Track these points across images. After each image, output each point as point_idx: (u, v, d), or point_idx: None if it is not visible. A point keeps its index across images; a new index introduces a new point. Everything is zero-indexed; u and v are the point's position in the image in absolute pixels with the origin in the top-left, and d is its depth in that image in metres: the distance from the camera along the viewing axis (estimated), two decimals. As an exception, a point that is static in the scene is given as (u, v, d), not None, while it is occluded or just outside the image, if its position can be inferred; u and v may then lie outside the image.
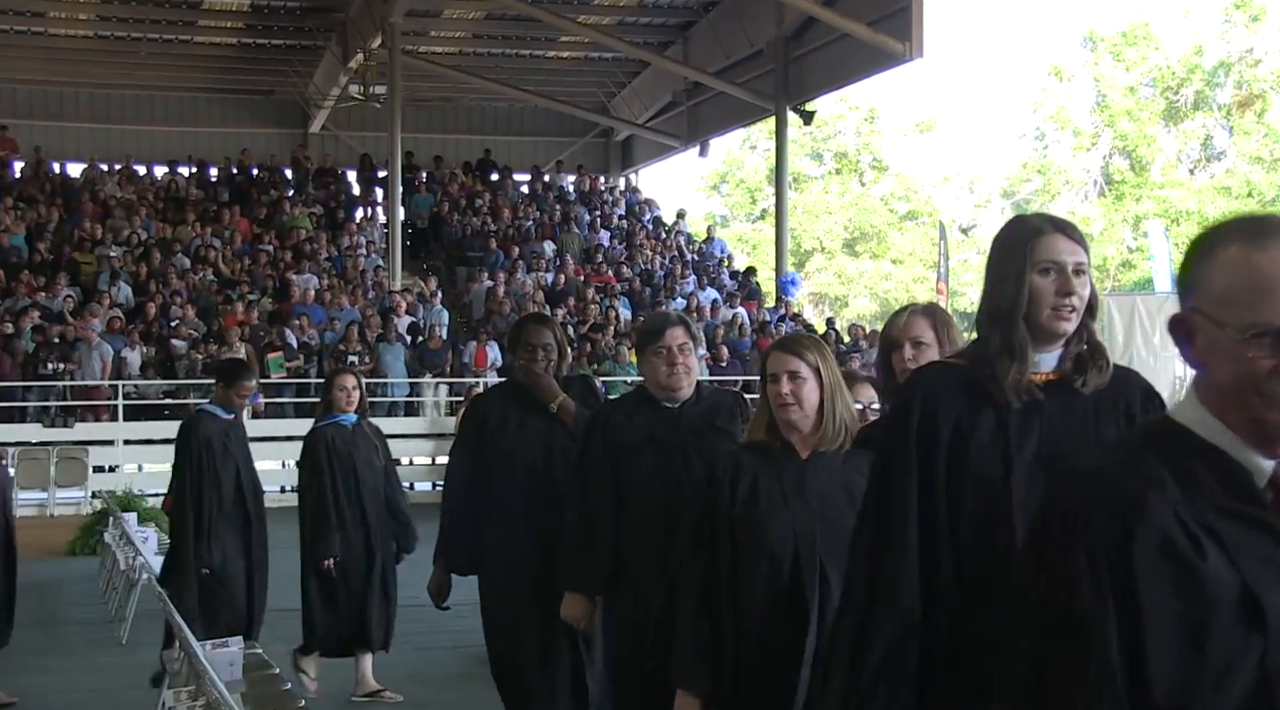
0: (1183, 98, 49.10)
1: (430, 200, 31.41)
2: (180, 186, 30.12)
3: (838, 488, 4.24)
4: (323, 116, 33.53)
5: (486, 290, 26.76)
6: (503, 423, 6.28)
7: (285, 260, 26.99)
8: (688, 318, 5.77)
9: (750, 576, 4.22)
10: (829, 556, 4.12)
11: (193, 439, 8.53)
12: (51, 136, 31.48)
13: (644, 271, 29.44)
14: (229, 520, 8.49)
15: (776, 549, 4.19)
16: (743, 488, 4.27)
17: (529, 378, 6.29)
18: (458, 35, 31.99)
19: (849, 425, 4.34)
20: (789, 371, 4.31)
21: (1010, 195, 53.15)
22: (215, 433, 8.56)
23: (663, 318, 5.70)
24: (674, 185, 65.17)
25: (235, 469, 8.57)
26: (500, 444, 6.24)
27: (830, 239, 54.21)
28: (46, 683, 8.92)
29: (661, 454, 5.37)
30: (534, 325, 6.44)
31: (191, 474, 8.44)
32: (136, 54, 31.18)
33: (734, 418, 5.46)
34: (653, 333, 5.50)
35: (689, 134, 34.00)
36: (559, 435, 6.19)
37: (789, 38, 28.32)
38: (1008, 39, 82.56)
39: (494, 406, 6.42)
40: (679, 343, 5.42)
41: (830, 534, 4.13)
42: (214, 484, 8.43)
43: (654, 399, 5.50)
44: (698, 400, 5.49)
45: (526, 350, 6.28)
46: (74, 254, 25.79)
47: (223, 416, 8.71)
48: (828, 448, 4.31)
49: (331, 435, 8.73)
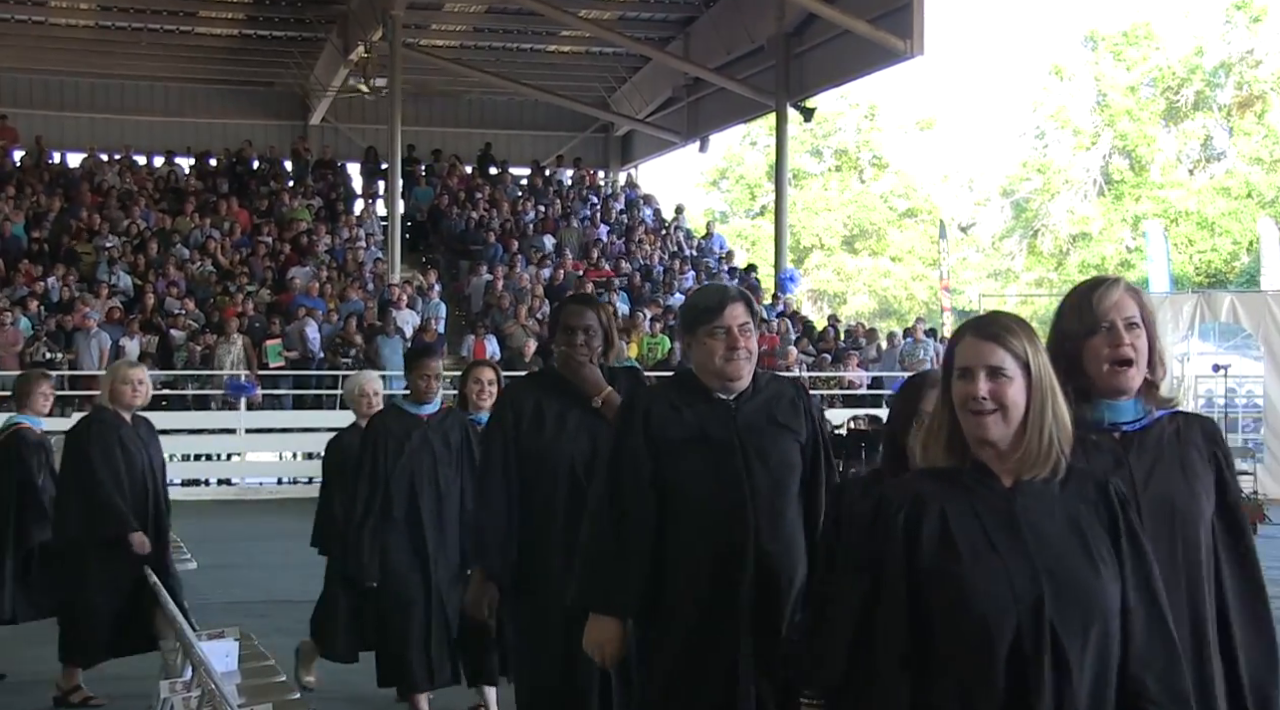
0: (1183, 98, 49.10)
1: (430, 193, 31.40)
2: (179, 177, 30.12)
3: (1062, 526, 3.10)
4: (323, 108, 33.52)
5: (485, 284, 26.74)
6: (538, 417, 5.49)
7: (284, 252, 26.98)
8: (748, 293, 4.77)
9: (950, 658, 3.03)
10: (1063, 625, 3.00)
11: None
12: (51, 126, 31.49)
13: (643, 267, 29.43)
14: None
15: (989, 617, 3.00)
16: (929, 530, 3.08)
17: (569, 366, 5.52)
18: (459, 28, 31.97)
19: (1062, 442, 3.14)
20: (989, 366, 3.13)
21: (1010, 194, 53.15)
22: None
23: (719, 292, 4.69)
24: (674, 181, 65.27)
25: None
26: (534, 441, 5.47)
27: (829, 236, 54.21)
28: (41, 672, 8.90)
29: (716, 455, 4.51)
30: (575, 306, 5.63)
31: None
32: (137, 44, 31.18)
33: (797, 411, 4.66)
34: (708, 310, 4.56)
35: (689, 129, 34.00)
36: (603, 433, 5.25)
37: (790, 34, 28.33)
38: (1008, 38, 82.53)
39: (527, 398, 5.58)
40: (739, 322, 4.53)
41: (1062, 593, 3.01)
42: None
43: (704, 388, 4.60)
44: (755, 391, 4.62)
45: (566, 334, 5.49)
46: (73, 243, 25.78)
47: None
48: (1035, 472, 3.13)
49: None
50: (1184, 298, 24.04)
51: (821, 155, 56.29)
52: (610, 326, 5.57)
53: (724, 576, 4.41)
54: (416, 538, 7.66)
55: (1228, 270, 45.49)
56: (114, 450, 8.29)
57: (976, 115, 77.46)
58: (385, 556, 7.64)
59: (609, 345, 5.57)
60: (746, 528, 4.42)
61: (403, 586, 7.66)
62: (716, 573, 4.42)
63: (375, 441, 7.76)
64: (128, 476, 8.31)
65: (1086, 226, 49.50)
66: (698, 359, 4.60)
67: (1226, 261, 45.94)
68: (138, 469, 8.38)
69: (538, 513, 5.46)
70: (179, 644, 6.45)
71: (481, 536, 5.68)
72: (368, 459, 7.72)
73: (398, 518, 7.65)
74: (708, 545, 4.44)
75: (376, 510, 7.65)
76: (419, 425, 7.78)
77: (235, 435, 23.03)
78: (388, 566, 7.65)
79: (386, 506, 7.66)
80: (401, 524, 7.66)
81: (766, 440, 4.55)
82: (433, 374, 7.80)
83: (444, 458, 7.72)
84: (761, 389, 4.64)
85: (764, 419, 4.58)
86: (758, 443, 4.53)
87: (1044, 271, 51.60)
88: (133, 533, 8.18)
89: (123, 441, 8.36)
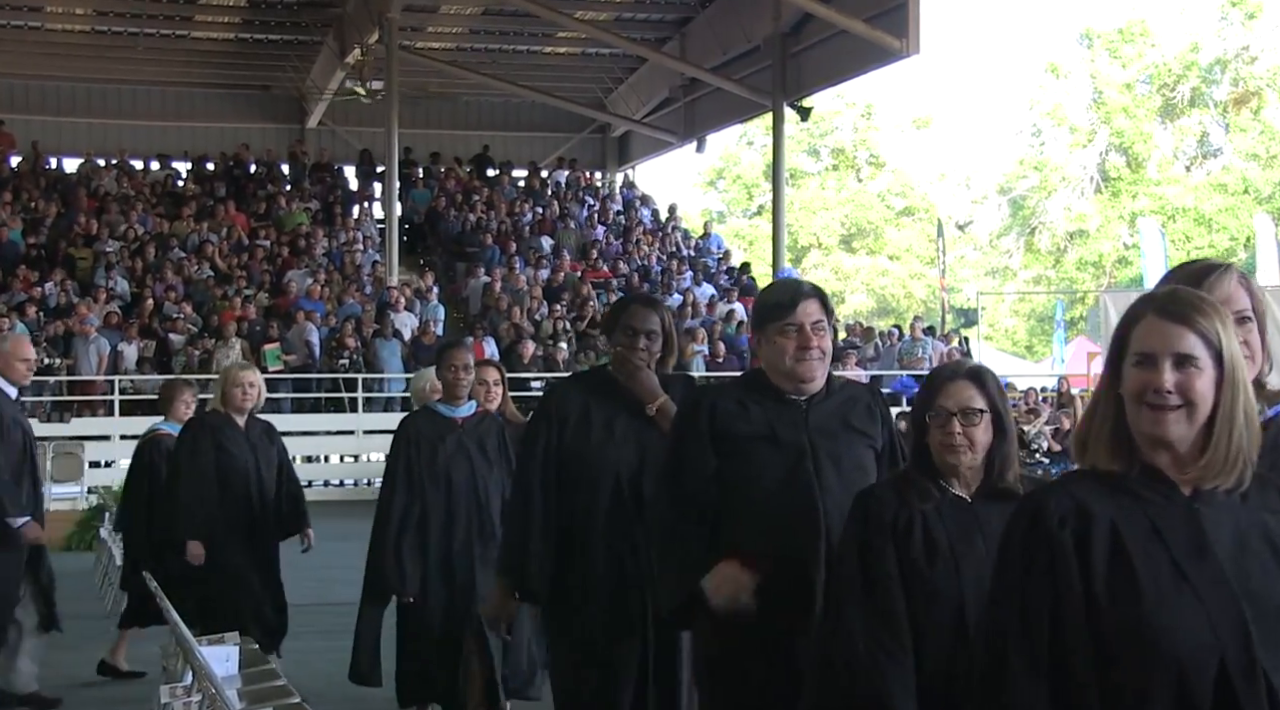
0: (1179, 94, 49.13)
1: (427, 196, 31.39)
2: (176, 181, 30.11)
3: (1256, 543, 2.56)
4: (320, 112, 33.49)
5: (483, 286, 26.73)
6: (584, 421, 5.12)
7: (282, 256, 26.97)
8: (822, 289, 4.48)
9: (1142, 699, 2.48)
10: (1271, 659, 2.46)
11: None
12: (48, 131, 31.46)
13: (641, 267, 29.43)
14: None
15: (1185, 661, 2.44)
16: (1100, 553, 2.52)
17: (625, 369, 5.12)
18: (455, 30, 31.95)
19: (1250, 447, 2.60)
20: (1177, 354, 2.56)
21: (1006, 192, 53.16)
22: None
23: (793, 288, 4.43)
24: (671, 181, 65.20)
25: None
26: (579, 446, 5.10)
27: (827, 235, 54.22)
28: (42, 677, 8.89)
29: (785, 455, 4.21)
30: (640, 308, 5.23)
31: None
32: (133, 49, 31.12)
33: (873, 418, 4.38)
34: (779, 306, 4.30)
35: (686, 130, 33.97)
36: (652, 443, 4.97)
37: (786, 34, 28.29)
38: (1005, 36, 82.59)
39: (574, 399, 5.20)
40: (812, 320, 4.26)
41: (1267, 623, 2.47)
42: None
43: (774, 388, 4.31)
44: (828, 394, 4.34)
45: (627, 335, 5.11)
46: (70, 249, 25.78)
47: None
48: (1219, 481, 2.57)
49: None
50: (1181, 294, 23.99)
51: (818, 154, 56.29)
52: (672, 331, 5.20)
53: (792, 580, 4.12)
54: (453, 552, 7.17)
55: (1225, 267, 45.40)
56: (205, 454, 8.17)
57: (973, 113, 77.57)
58: (422, 567, 7.18)
59: (668, 352, 5.19)
60: (817, 532, 4.12)
61: (438, 608, 7.18)
62: (782, 576, 4.13)
63: (407, 446, 7.22)
64: (225, 480, 8.18)
65: (1084, 224, 49.50)
66: (768, 358, 4.34)
67: (1223, 258, 45.83)
68: (239, 472, 8.22)
69: (578, 522, 5.11)
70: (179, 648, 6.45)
71: (510, 546, 5.32)
72: (400, 465, 7.21)
73: (435, 528, 7.17)
74: (773, 548, 4.16)
75: (414, 524, 7.15)
76: (453, 429, 7.27)
77: (234, 439, 22.95)
78: (424, 578, 7.18)
79: (423, 518, 7.17)
80: (438, 535, 7.17)
81: (840, 444, 4.27)
82: (461, 364, 7.21)
83: (482, 465, 7.22)
84: (835, 392, 4.37)
85: (837, 422, 4.30)
86: (830, 446, 4.24)
87: (1042, 269, 51.62)
88: (190, 541, 8.09)
89: (223, 444, 8.18)
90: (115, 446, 22.08)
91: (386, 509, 7.21)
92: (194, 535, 8.09)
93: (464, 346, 7.60)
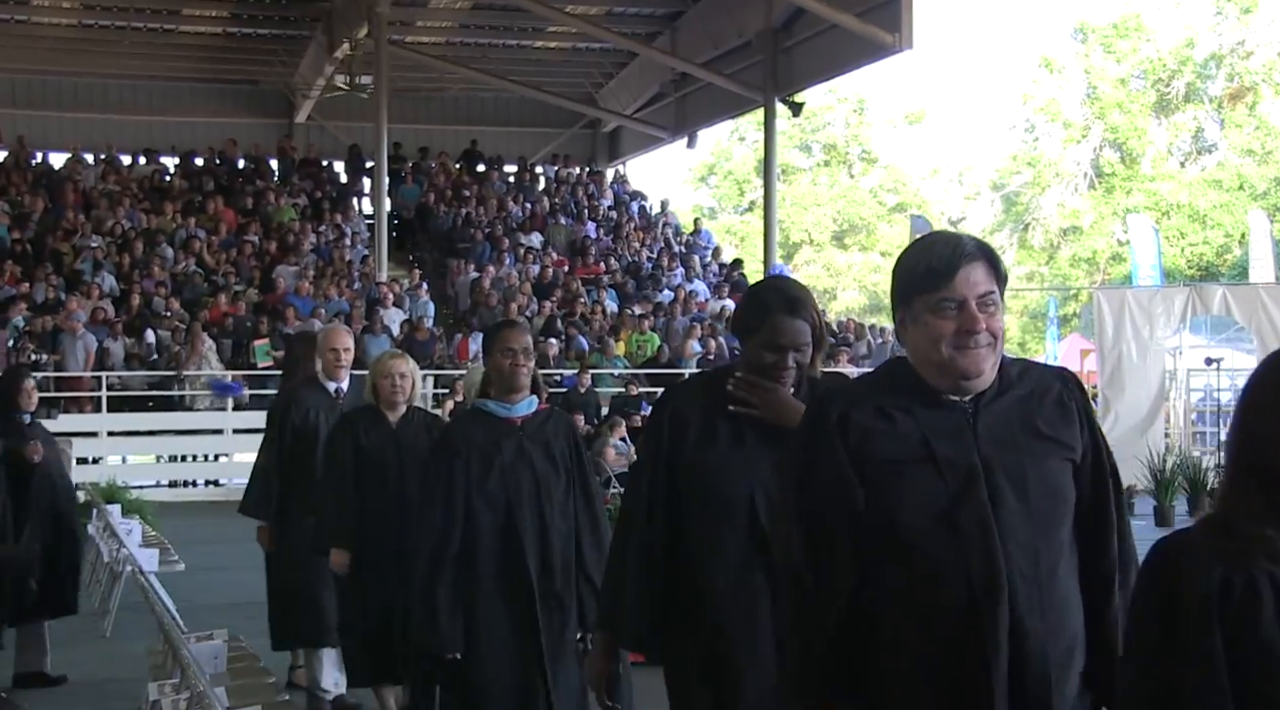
0: (1174, 90, 49.18)
1: (417, 191, 31.28)
2: (164, 177, 29.96)
3: None
4: (308, 107, 33.39)
5: (472, 282, 26.62)
6: (707, 435, 4.00)
7: (270, 251, 26.83)
8: (990, 247, 3.10)
9: None
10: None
11: None
12: (35, 126, 31.31)
13: (631, 263, 29.34)
14: None
15: None
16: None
17: (757, 393, 3.98)
18: (444, 25, 31.85)
19: None
20: None
21: (1000, 187, 53.21)
22: None
23: (950, 247, 3.03)
24: (662, 177, 65.23)
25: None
26: (702, 467, 3.97)
27: (819, 231, 54.24)
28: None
29: (947, 482, 2.94)
30: (785, 319, 3.98)
31: None
32: (120, 43, 31.01)
33: (1067, 416, 3.07)
34: (932, 273, 3.00)
35: (677, 125, 33.90)
36: None
37: (778, 29, 28.19)
38: (998, 30, 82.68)
39: (694, 408, 4.07)
40: (980, 291, 2.98)
41: None
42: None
43: (926, 387, 3.03)
44: (1001, 388, 3.04)
45: (773, 350, 3.97)
46: (57, 245, 25.61)
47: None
48: None
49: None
50: (1175, 291, 23.93)
51: (810, 150, 56.33)
52: (823, 332, 4.07)
53: (959, 662, 2.88)
54: (514, 590, 5.61)
55: (1219, 263, 45.53)
56: (345, 451, 7.24)
57: (966, 109, 77.75)
58: (470, 616, 5.59)
59: (817, 353, 4.07)
60: (995, 592, 2.86)
61: (495, 663, 5.62)
62: (948, 656, 2.89)
63: (450, 458, 5.66)
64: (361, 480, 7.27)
65: (1077, 220, 49.55)
66: (916, 345, 3.05)
67: (1218, 254, 45.99)
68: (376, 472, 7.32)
69: (699, 561, 3.99)
70: (167, 645, 6.32)
71: (613, 590, 4.17)
72: (441, 480, 5.63)
73: (487, 563, 5.60)
74: (935, 615, 2.90)
75: (456, 553, 5.57)
76: (511, 433, 5.70)
77: (222, 436, 22.89)
78: (473, 632, 5.58)
79: (471, 548, 5.58)
80: (492, 571, 5.61)
81: (1023, 459, 2.97)
82: (520, 348, 5.67)
83: (549, 475, 5.68)
84: (1012, 383, 3.06)
85: (1017, 428, 3.01)
86: (1010, 463, 2.96)
87: (1035, 265, 51.65)
88: (333, 549, 7.25)
89: (361, 440, 7.26)
90: (103, 443, 21.99)
91: (423, 542, 5.62)
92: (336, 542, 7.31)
93: (522, 327, 6.04)
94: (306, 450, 7.85)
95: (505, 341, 5.68)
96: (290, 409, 8.09)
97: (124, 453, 23.03)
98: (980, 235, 44.87)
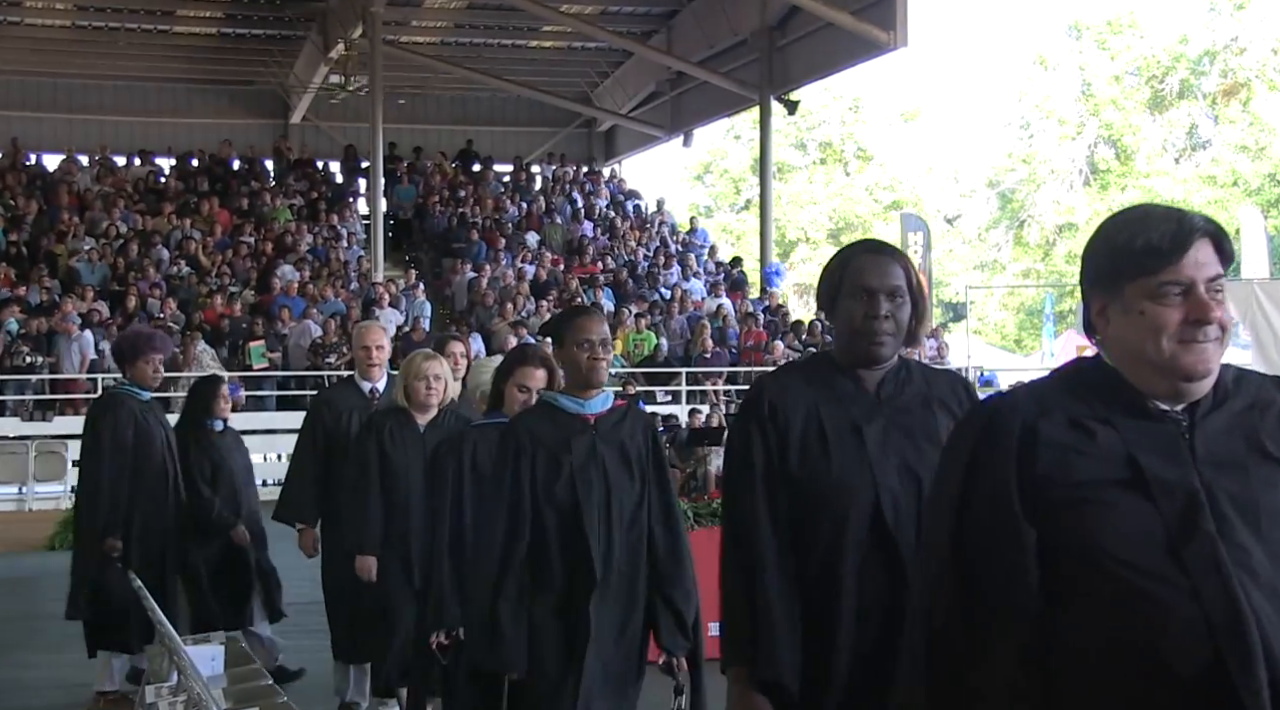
0: (1168, 86, 49.19)
1: (413, 191, 31.25)
2: (159, 178, 29.91)
3: None
4: (303, 107, 33.35)
5: (469, 282, 26.59)
6: (814, 429, 3.41)
7: (266, 252, 26.79)
8: (1216, 222, 2.47)
9: None
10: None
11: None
12: (29, 127, 31.25)
13: (628, 262, 29.31)
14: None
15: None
16: None
17: (859, 345, 3.45)
18: (439, 25, 31.83)
19: None
20: None
21: (995, 185, 53.18)
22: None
23: (1172, 221, 2.44)
24: (658, 176, 65.19)
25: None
26: (813, 467, 3.39)
27: (814, 229, 54.20)
28: (24, 677, 8.75)
29: (1161, 511, 2.30)
30: (867, 255, 3.50)
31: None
32: (115, 44, 30.97)
33: None
34: (1153, 252, 2.42)
35: (673, 124, 33.90)
36: (929, 453, 3.37)
37: (773, 27, 28.23)
38: (992, 28, 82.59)
39: (796, 398, 3.46)
40: (1208, 275, 2.41)
41: None
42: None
43: (1133, 392, 2.43)
44: (1220, 395, 2.45)
45: (861, 298, 3.43)
46: (51, 246, 25.56)
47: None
48: None
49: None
50: (1171, 286, 23.92)
51: (806, 148, 56.28)
52: (923, 295, 3.46)
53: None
54: (573, 607, 4.91)
55: (1214, 259, 45.51)
56: (372, 458, 6.98)
57: (961, 106, 77.54)
58: (536, 634, 4.90)
59: (918, 319, 3.45)
60: (1246, 647, 2.21)
61: (552, 685, 4.90)
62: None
63: (516, 459, 4.94)
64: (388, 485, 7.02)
65: (1072, 217, 49.54)
66: (1125, 340, 2.46)
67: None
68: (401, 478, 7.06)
69: (812, 578, 3.38)
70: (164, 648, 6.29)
71: (738, 613, 3.44)
72: (504, 484, 4.94)
73: (550, 575, 4.92)
74: (1161, 675, 2.24)
75: (521, 564, 4.89)
76: (584, 430, 5.01)
77: (219, 437, 22.79)
78: (539, 653, 4.90)
79: (542, 559, 4.91)
80: (556, 585, 4.92)
81: (1251, 485, 2.35)
82: (598, 338, 4.95)
83: (621, 482, 4.98)
84: (1229, 393, 2.46)
85: (1241, 447, 2.39)
86: (1236, 489, 2.33)
87: (1030, 262, 51.64)
88: (360, 556, 7.05)
89: (384, 445, 6.96)
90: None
91: (484, 552, 4.98)
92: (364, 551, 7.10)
93: (598, 314, 5.19)
94: (340, 454, 7.58)
95: (582, 331, 4.95)
96: (322, 411, 7.84)
97: (120, 454, 22.98)
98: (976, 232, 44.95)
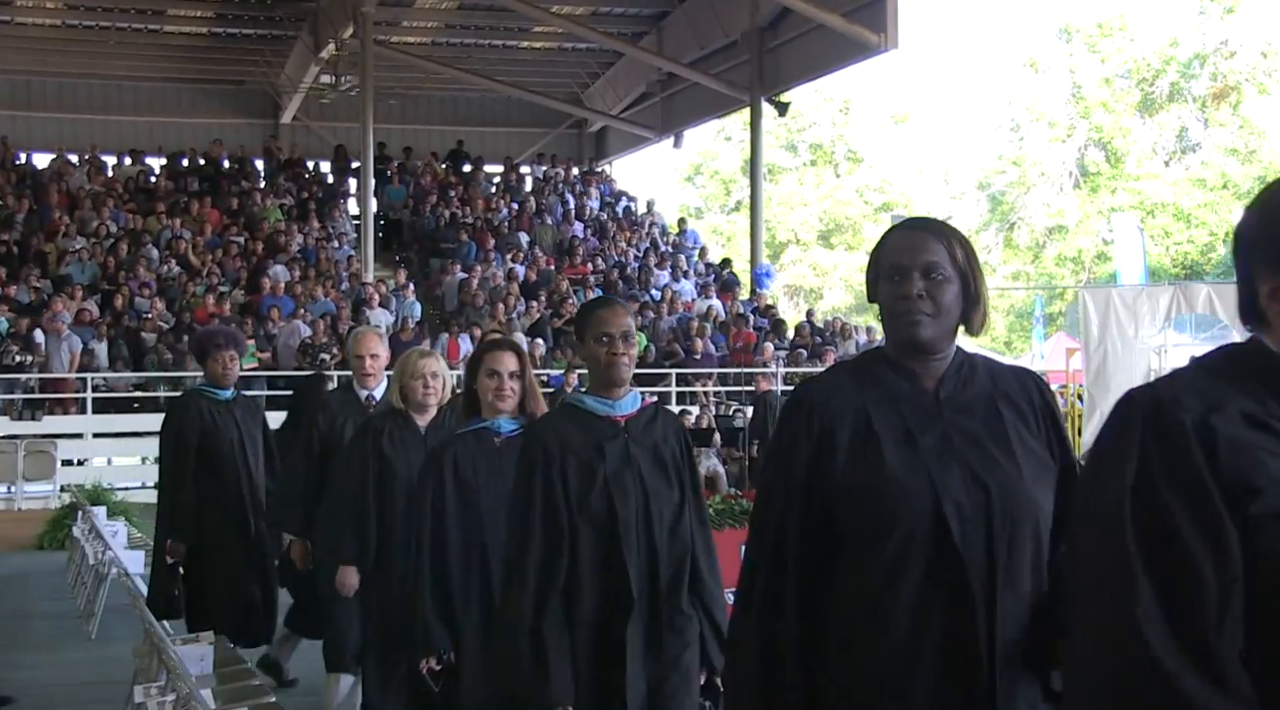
0: (1158, 89, 49.26)
1: (403, 192, 31.23)
2: (149, 177, 29.86)
3: None
4: (294, 107, 33.30)
5: (459, 282, 26.58)
6: (866, 436, 2.97)
7: (256, 252, 26.76)
8: None
9: None
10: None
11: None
12: (19, 126, 31.18)
13: (618, 263, 29.31)
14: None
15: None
16: None
17: (898, 326, 3.09)
18: (430, 25, 31.81)
19: None
20: None
21: (985, 187, 53.24)
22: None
23: None
24: (648, 177, 65.22)
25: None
26: (864, 477, 2.93)
27: (805, 231, 54.22)
28: (14, 678, 8.73)
29: None
30: (901, 231, 3.22)
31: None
32: (105, 43, 30.90)
33: None
34: None
35: (663, 125, 33.89)
36: (1000, 464, 2.97)
37: (763, 28, 28.23)
38: (983, 30, 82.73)
39: (844, 401, 3.03)
40: None
41: None
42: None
43: None
44: None
45: (893, 278, 3.11)
46: (41, 246, 25.52)
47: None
48: None
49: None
50: (1160, 290, 23.93)
51: (796, 150, 56.29)
52: (971, 270, 3.06)
53: None
54: (612, 630, 4.42)
55: (1204, 262, 45.59)
56: (366, 462, 6.57)
57: (951, 109, 77.65)
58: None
59: (970, 303, 3.05)
60: None
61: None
62: None
63: (546, 468, 4.44)
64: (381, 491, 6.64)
65: (1062, 219, 49.60)
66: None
67: (1203, 253, 46.06)
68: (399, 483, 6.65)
69: (855, 594, 2.92)
70: (153, 647, 6.29)
71: (756, 678, 2.98)
72: (535, 498, 4.42)
73: (586, 596, 4.40)
74: None
75: (557, 584, 4.37)
76: (614, 433, 4.56)
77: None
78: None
79: (574, 577, 4.40)
80: (593, 606, 4.42)
81: None
82: (619, 333, 4.49)
83: (660, 489, 4.54)
84: None
85: None
86: None
87: (1021, 265, 51.69)
88: (344, 567, 6.71)
89: (383, 448, 6.58)
90: (88, 444, 21.90)
91: (518, 575, 4.41)
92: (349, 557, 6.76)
93: (619, 307, 4.70)
94: (334, 459, 7.30)
95: (600, 325, 4.51)
96: (317, 417, 7.63)
97: (109, 454, 22.95)
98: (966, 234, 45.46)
